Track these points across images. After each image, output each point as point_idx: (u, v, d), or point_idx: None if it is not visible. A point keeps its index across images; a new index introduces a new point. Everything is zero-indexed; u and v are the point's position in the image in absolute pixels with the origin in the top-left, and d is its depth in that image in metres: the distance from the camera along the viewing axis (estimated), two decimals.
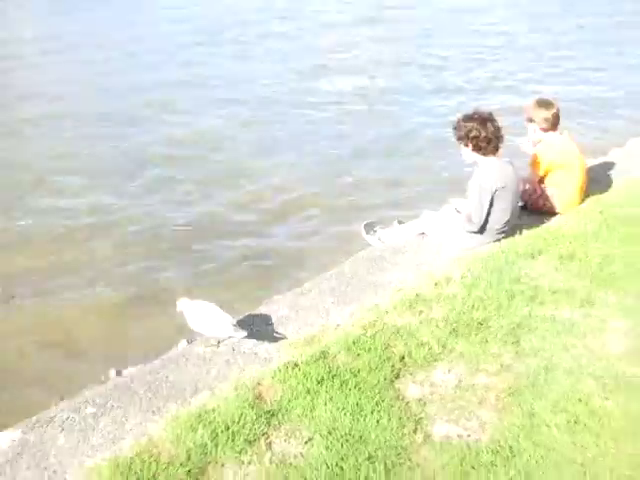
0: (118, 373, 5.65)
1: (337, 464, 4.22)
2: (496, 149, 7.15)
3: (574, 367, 5.08)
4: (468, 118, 7.19)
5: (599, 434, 4.42)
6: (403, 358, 5.20)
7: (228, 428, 4.50)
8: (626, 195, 8.36)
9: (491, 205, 7.07)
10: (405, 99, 14.29)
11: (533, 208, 8.01)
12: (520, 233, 7.30)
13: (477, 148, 7.14)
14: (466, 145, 7.21)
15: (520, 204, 7.71)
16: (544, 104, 8.00)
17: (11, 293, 7.55)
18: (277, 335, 5.75)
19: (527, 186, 7.93)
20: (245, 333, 5.37)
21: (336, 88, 14.91)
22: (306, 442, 4.43)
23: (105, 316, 7.21)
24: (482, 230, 7.19)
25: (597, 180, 8.77)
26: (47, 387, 5.95)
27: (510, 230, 7.28)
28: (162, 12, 21.76)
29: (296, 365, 5.08)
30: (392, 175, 10.73)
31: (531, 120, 8.07)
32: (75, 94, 14.17)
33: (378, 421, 4.56)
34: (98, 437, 4.64)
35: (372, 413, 4.62)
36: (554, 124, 7.98)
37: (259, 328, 5.83)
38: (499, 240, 7.22)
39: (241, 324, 5.71)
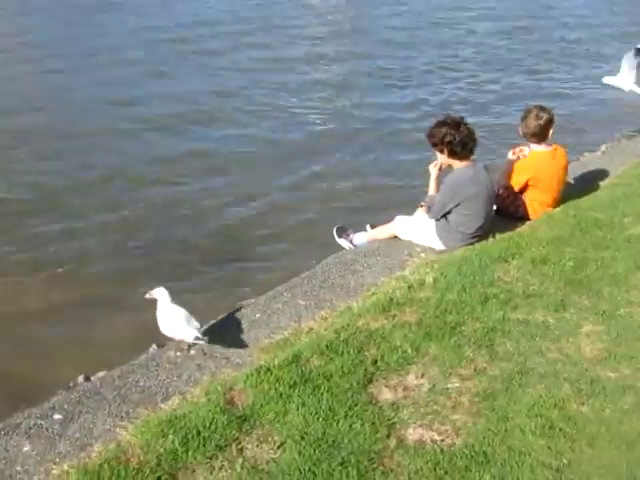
0: (86, 378, 5.54)
1: (310, 469, 4.17)
2: (471, 152, 7.15)
3: (549, 371, 5.06)
4: (441, 123, 7.19)
5: (575, 439, 4.40)
6: (376, 362, 5.16)
7: (199, 433, 4.43)
8: (599, 199, 8.40)
9: (457, 206, 7.11)
10: (374, 112, 14.18)
11: (505, 213, 7.98)
12: (494, 237, 7.31)
13: (452, 153, 7.14)
14: (441, 151, 7.21)
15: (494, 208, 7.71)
16: (534, 113, 7.84)
17: None
18: (249, 339, 5.70)
19: (501, 191, 7.90)
20: (206, 338, 5.33)
21: (304, 102, 14.73)
22: (278, 447, 4.36)
23: (73, 321, 7.12)
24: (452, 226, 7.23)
25: (570, 184, 8.78)
26: (13, 393, 5.84)
27: (484, 234, 7.28)
28: (136, 18, 21.24)
29: (268, 369, 5.01)
30: (364, 180, 10.74)
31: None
32: (45, 106, 13.66)
33: (351, 426, 4.51)
34: (66, 444, 4.54)
35: (345, 418, 4.57)
36: (538, 135, 7.88)
37: (231, 332, 5.79)
38: (472, 244, 7.20)
39: (212, 328, 5.71)
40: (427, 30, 21.20)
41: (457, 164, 7.21)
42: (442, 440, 4.45)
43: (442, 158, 7.28)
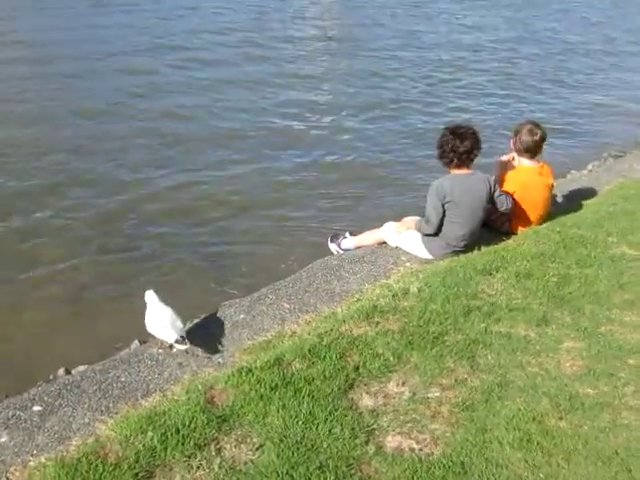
0: (67, 372, 5.55)
1: (287, 472, 4.17)
2: (458, 163, 7.16)
3: (528, 385, 5.07)
4: (445, 130, 7.33)
5: (552, 453, 4.42)
6: (358, 368, 5.16)
7: (178, 431, 4.43)
8: (584, 217, 8.41)
9: (444, 216, 7.13)
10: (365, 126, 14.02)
11: (491, 227, 7.96)
12: (479, 249, 7.30)
13: (441, 158, 7.29)
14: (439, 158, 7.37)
15: None
16: (528, 128, 7.84)
17: None
18: (232, 340, 5.70)
19: None
20: (187, 345, 5.35)
21: (295, 116, 14.50)
22: (257, 449, 4.37)
23: (56, 314, 7.10)
24: (437, 233, 7.23)
25: (556, 201, 8.81)
26: None
27: (470, 245, 7.28)
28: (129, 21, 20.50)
29: (250, 371, 5.01)
30: (354, 187, 10.70)
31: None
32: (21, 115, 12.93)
33: (330, 430, 4.51)
34: (44, 436, 4.55)
35: (325, 422, 4.57)
36: (531, 151, 7.86)
37: (214, 332, 5.81)
38: (457, 254, 7.21)
39: (195, 327, 5.76)
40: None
41: (451, 170, 7.32)
42: (420, 449, 4.46)
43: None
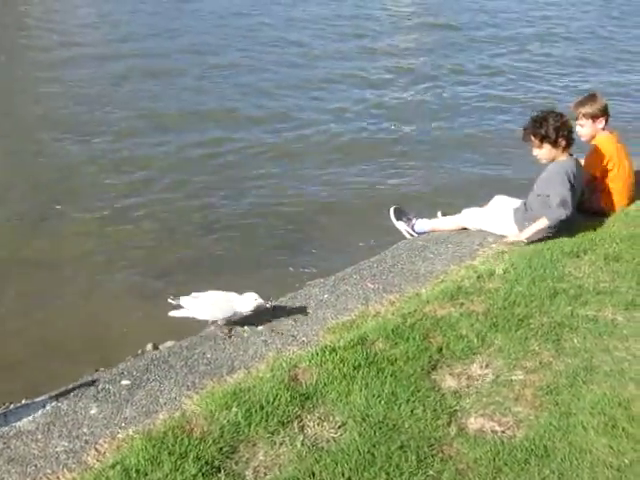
0: (155, 347, 5.68)
1: (369, 451, 4.19)
2: (568, 145, 7.03)
3: (615, 370, 4.98)
4: (548, 116, 6.98)
5: (638, 440, 4.32)
6: (441, 349, 5.16)
7: (262, 408, 4.49)
8: None
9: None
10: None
11: (580, 208, 7.80)
12: (566, 231, 7.18)
13: (568, 144, 7.01)
14: (554, 144, 6.98)
15: None
16: (591, 98, 7.71)
17: None
18: (316, 319, 5.75)
19: None
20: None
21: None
22: (339, 427, 4.40)
23: (144, 292, 7.30)
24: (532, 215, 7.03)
25: None
26: (83, 357, 5.99)
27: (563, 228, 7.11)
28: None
29: (333, 350, 5.05)
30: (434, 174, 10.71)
31: (577, 118, 7.72)
32: None
33: (412, 411, 4.52)
34: (132, 409, 4.67)
35: (407, 402, 4.58)
36: (607, 114, 7.69)
37: (299, 311, 5.87)
38: (548, 236, 7.06)
39: (280, 306, 5.90)
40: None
41: (563, 156, 7.04)
42: (503, 431, 4.43)
43: (547, 153, 7.07)
